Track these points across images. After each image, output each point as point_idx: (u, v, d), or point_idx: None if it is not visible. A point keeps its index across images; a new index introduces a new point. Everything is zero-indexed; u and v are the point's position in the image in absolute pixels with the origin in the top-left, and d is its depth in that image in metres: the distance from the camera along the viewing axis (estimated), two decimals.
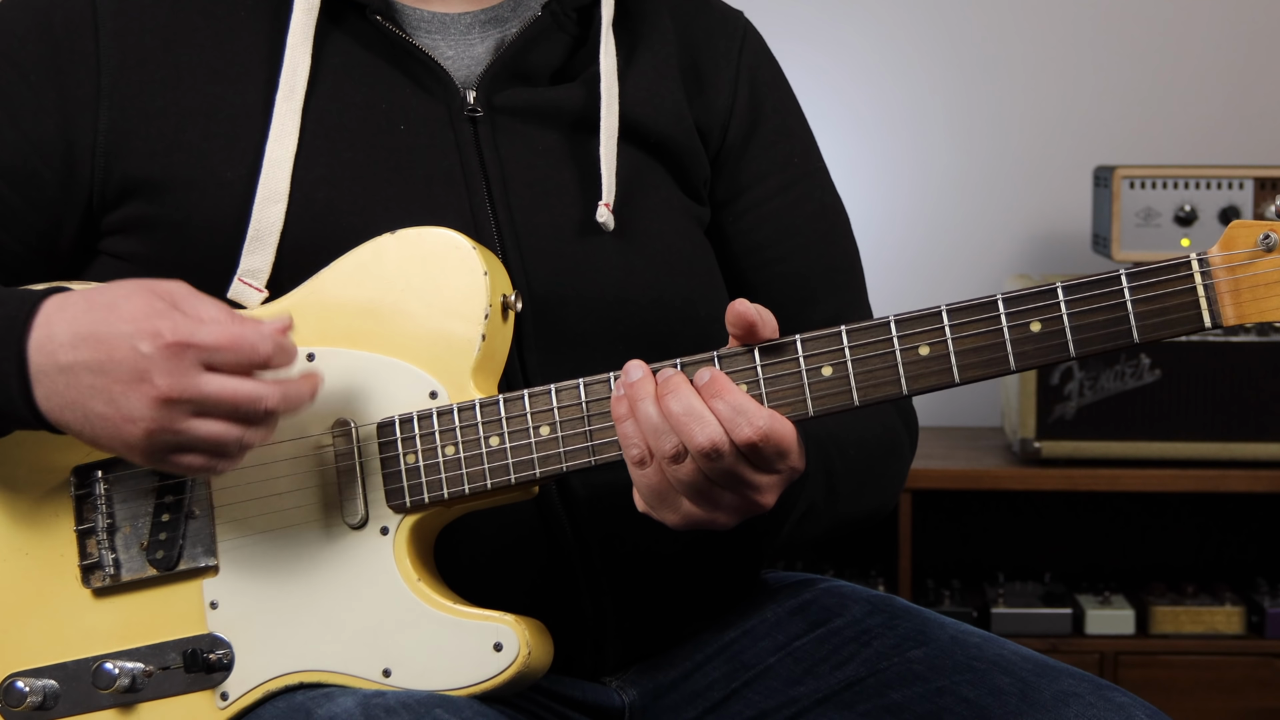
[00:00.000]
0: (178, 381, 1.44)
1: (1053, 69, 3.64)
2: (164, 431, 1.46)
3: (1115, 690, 1.58)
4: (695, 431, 1.42)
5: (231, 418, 1.46)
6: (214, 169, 1.62)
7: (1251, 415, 3.14)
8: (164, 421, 1.46)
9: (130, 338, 1.45)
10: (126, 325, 1.46)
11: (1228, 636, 3.19)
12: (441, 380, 1.54)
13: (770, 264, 1.78)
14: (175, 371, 1.44)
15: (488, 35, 1.71)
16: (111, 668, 1.57)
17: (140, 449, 1.48)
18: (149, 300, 1.47)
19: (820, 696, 1.68)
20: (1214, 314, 1.39)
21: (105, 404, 1.47)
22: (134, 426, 1.46)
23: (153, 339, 1.45)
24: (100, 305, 1.48)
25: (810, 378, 1.46)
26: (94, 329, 1.47)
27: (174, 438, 1.47)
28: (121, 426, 1.47)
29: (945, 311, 1.44)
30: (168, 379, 1.44)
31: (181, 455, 1.48)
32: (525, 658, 1.50)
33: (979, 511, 3.50)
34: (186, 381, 1.44)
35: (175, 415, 1.45)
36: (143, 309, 1.46)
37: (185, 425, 1.46)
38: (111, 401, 1.46)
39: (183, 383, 1.44)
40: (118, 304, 1.48)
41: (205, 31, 1.67)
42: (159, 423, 1.46)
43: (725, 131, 1.78)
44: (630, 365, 1.47)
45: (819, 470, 1.63)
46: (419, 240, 1.57)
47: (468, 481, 1.52)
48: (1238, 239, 1.38)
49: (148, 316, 1.46)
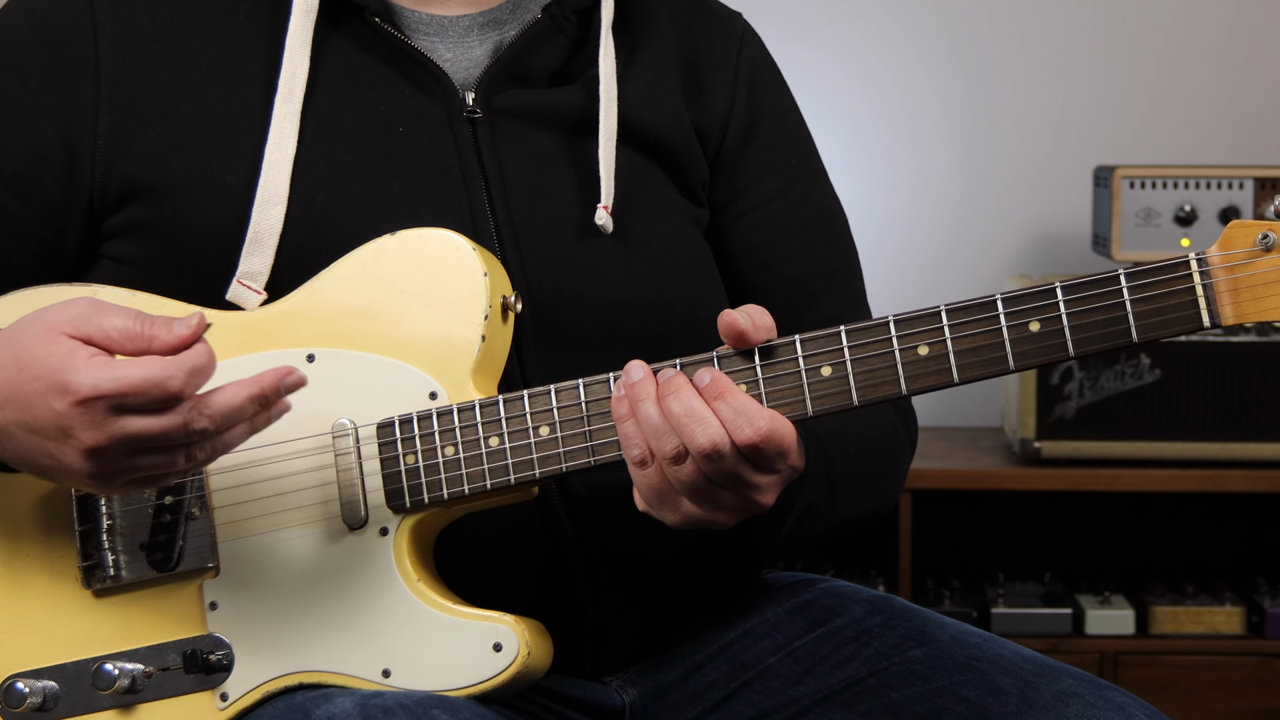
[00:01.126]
0: (100, 433, 1.43)
1: (1053, 69, 3.64)
2: (108, 471, 1.46)
3: (1115, 690, 1.58)
4: (696, 432, 1.42)
5: (166, 447, 1.45)
6: (213, 172, 1.62)
7: (1251, 415, 3.14)
8: (102, 465, 1.45)
9: (44, 396, 1.44)
10: (37, 383, 1.44)
11: (1228, 636, 3.19)
12: (441, 381, 1.54)
13: (769, 265, 1.78)
14: (93, 424, 1.43)
15: (486, 38, 1.71)
16: (111, 669, 1.57)
17: (97, 488, 1.49)
18: (51, 344, 1.45)
19: (820, 696, 1.68)
20: (1213, 314, 1.39)
21: (46, 458, 1.47)
22: (79, 474, 1.47)
23: (61, 395, 1.43)
24: (11, 360, 1.47)
25: (809, 378, 1.46)
26: (13, 389, 1.46)
27: (121, 474, 1.47)
28: (69, 474, 1.48)
29: (944, 311, 1.44)
30: (89, 432, 1.44)
31: (140, 480, 1.49)
32: (525, 658, 1.51)
33: (979, 511, 3.50)
34: (108, 430, 1.43)
35: (110, 458, 1.45)
36: (46, 359, 1.44)
37: (126, 463, 1.46)
38: (50, 455, 1.46)
39: (105, 432, 1.43)
40: (22, 357, 1.46)
41: (204, 35, 1.67)
42: (98, 466, 1.45)
43: (724, 133, 1.78)
44: (631, 365, 1.47)
45: (819, 469, 1.63)
46: (419, 241, 1.57)
47: (467, 482, 1.53)
48: (1236, 239, 1.38)
49: (52, 370, 1.44)
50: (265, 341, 1.59)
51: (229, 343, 1.59)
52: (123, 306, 1.47)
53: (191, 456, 1.46)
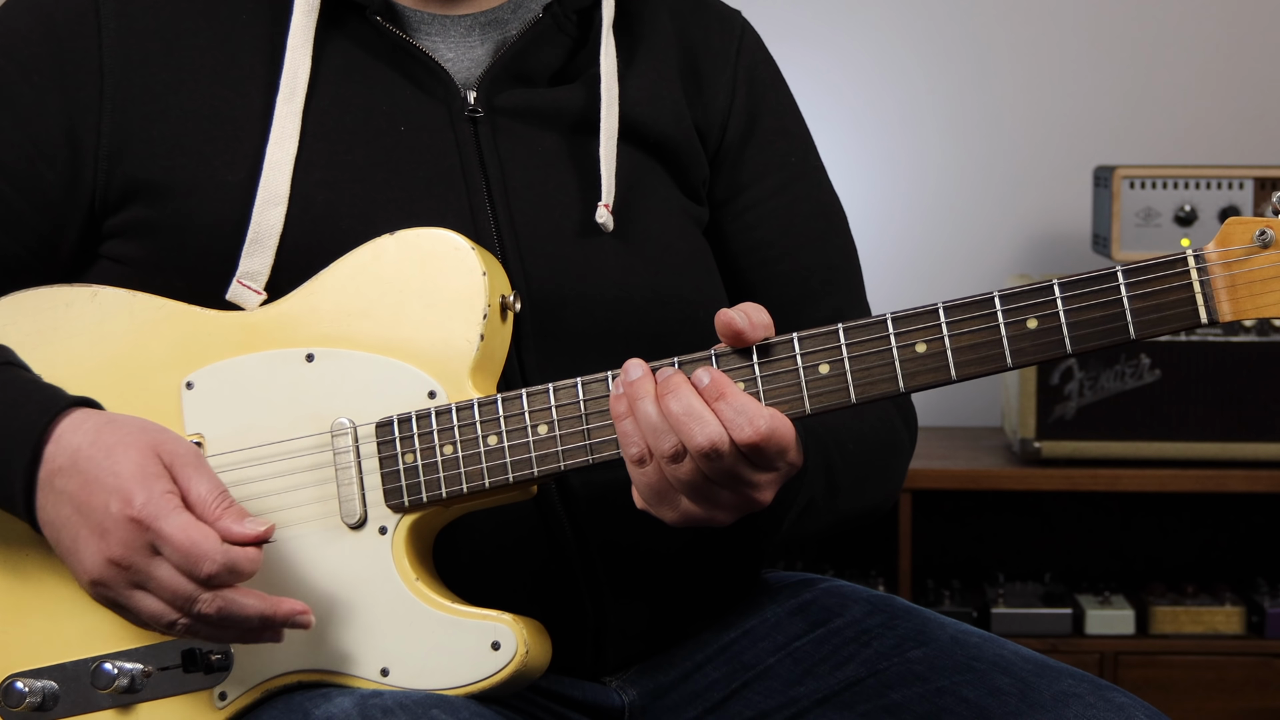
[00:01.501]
0: (129, 554, 1.48)
1: (1053, 69, 3.64)
2: (106, 588, 1.51)
3: (1115, 691, 1.58)
4: (695, 431, 1.42)
5: (169, 604, 1.49)
6: (215, 172, 1.62)
7: (1251, 415, 3.14)
8: (108, 579, 1.50)
9: (108, 492, 1.49)
10: (111, 479, 1.49)
11: (1228, 636, 3.19)
12: (440, 380, 1.54)
13: (769, 263, 1.79)
14: (129, 544, 1.48)
15: (488, 37, 1.71)
16: (110, 668, 1.57)
17: (89, 591, 1.53)
18: (144, 459, 1.50)
19: (820, 697, 1.68)
20: (1210, 310, 1.39)
21: (70, 540, 1.51)
22: (84, 572, 1.51)
23: (124, 504, 1.48)
24: (102, 445, 1.51)
25: (807, 376, 1.46)
26: (87, 467, 1.51)
27: (115, 596, 1.51)
28: (76, 567, 1.52)
29: (942, 309, 1.44)
30: (121, 548, 1.48)
31: (123, 613, 1.53)
32: (523, 657, 1.51)
33: (979, 511, 3.50)
34: (136, 557, 1.48)
35: (118, 579, 1.50)
36: (133, 467, 1.50)
37: (126, 592, 1.50)
38: (75, 540, 1.51)
39: (132, 556, 1.48)
40: (115, 451, 1.51)
41: (207, 34, 1.66)
42: (104, 578, 1.50)
43: (723, 131, 1.79)
44: (630, 364, 1.47)
45: (818, 465, 1.63)
46: (418, 241, 1.57)
47: (466, 481, 1.53)
48: (1234, 235, 1.38)
49: (133, 477, 1.49)
50: (265, 341, 1.59)
51: (229, 342, 1.59)
52: (214, 475, 1.52)
53: (175, 625, 1.50)
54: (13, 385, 1.57)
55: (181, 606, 1.48)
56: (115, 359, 1.61)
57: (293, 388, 1.57)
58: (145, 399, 1.58)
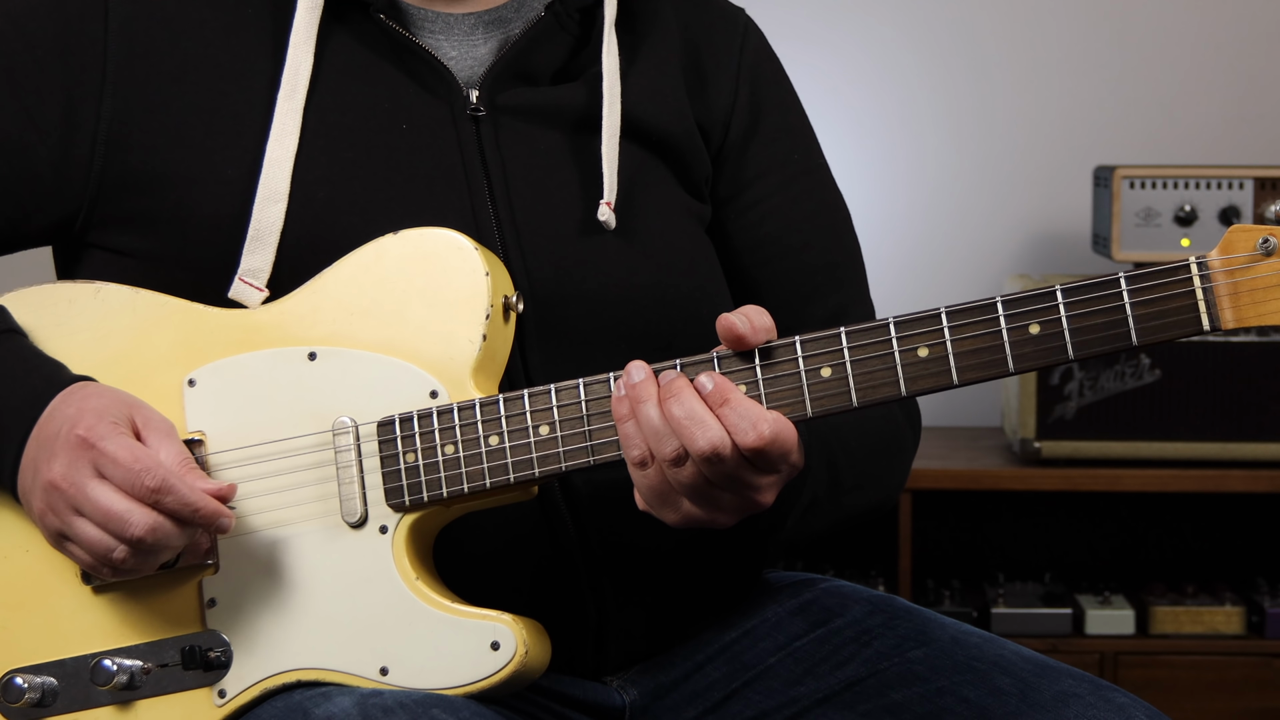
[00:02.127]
0: (67, 474, 1.49)
1: (1053, 69, 3.64)
2: (50, 515, 1.52)
3: (1115, 691, 1.58)
4: (696, 436, 1.42)
5: (103, 528, 1.49)
6: (215, 166, 1.62)
7: (1251, 415, 3.14)
8: (51, 505, 1.51)
9: (62, 420, 1.51)
10: (72, 410, 1.52)
11: (1228, 636, 3.19)
12: (442, 380, 1.54)
13: (772, 260, 1.79)
14: (70, 464, 1.49)
15: (491, 35, 1.71)
16: (110, 665, 1.57)
17: (40, 525, 1.54)
18: (111, 405, 1.52)
19: (820, 697, 1.68)
20: (1213, 317, 1.39)
21: (30, 477, 1.53)
22: (35, 502, 1.53)
23: (73, 426, 1.50)
24: (82, 392, 1.54)
25: (809, 379, 1.46)
26: (58, 408, 1.53)
27: (59, 525, 1.51)
28: (31, 500, 1.53)
29: (944, 313, 1.44)
30: (61, 468, 1.50)
31: (68, 544, 1.53)
32: (522, 657, 1.51)
33: (979, 511, 3.50)
34: (73, 477, 1.49)
35: (59, 505, 1.50)
36: (96, 406, 1.52)
37: (67, 519, 1.51)
38: (34, 475, 1.53)
39: (70, 477, 1.49)
40: (90, 396, 1.53)
41: (212, 25, 1.67)
42: (48, 504, 1.51)
43: (726, 129, 1.79)
44: (632, 366, 1.47)
45: (821, 463, 1.63)
46: (421, 240, 1.57)
47: (467, 481, 1.53)
48: (1237, 243, 1.38)
49: (92, 411, 1.51)
50: (267, 339, 1.59)
51: (231, 340, 1.60)
52: (183, 447, 1.53)
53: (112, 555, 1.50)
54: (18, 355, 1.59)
55: (114, 529, 1.48)
56: (117, 356, 1.61)
57: (294, 386, 1.57)
58: (147, 396, 1.58)
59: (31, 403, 1.55)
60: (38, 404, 1.54)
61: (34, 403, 1.55)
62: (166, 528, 1.49)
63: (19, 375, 1.57)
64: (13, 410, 1.55)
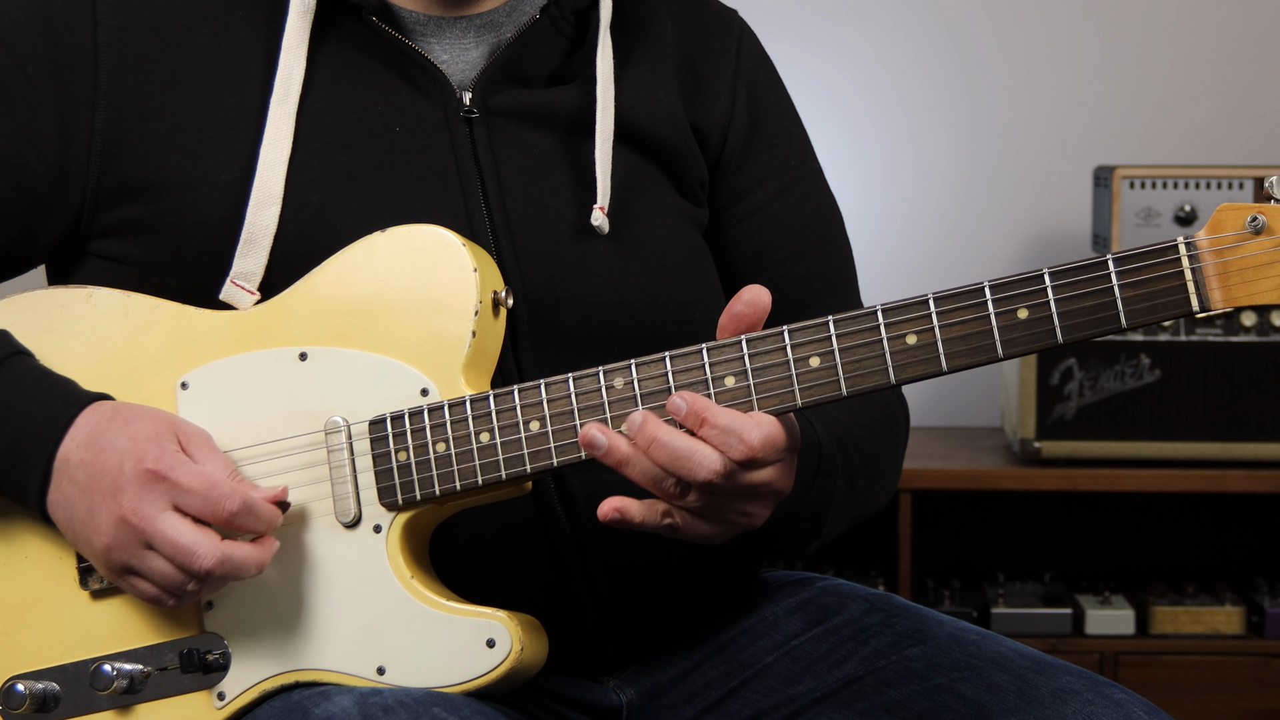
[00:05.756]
0: (139, 508, 1.49)
1: (1053, 69, 3.64)
2: (119, 550, 1.51)
3: (1113, 687, 1.58)
4: (693, 470, 1.43)
5: (171, 561, 1.49)
6: (209, 172, 1.62)
7: (1251, 415, 3.14)
8: (120, 541, 1.51)
9: (121, 454, 1.51)
10: (125, 442, 1.51)
11: (1228, 636, 3.19)
12: (432, 377, 1.54)
13: (773, 266, 1.79)
14: (141, 498, 1.49)
15: (483, 40, 1.71)
16: (109, 669, 1.57)
17: (101, 560, 1.53)
18: (159, 429, 1.53)
19: (818, 695, 1.68)
20: (1202, 298, 1.38)
21: (84, 510, 1.52)
22: (98, 538, 1.52)
23: (137, 462, 1.50)
24: (120, 419, 1.54)
25: (798, 368, 1.46)
26: (102, 439, 1.52)
27: (127, 559, 1.51)
28: (90, 535, 1.52)
29: (932, 299, 1.44)
30: (132, 502, 1.49)
31: (135, 579, 1.53)
32: (518, 654, 1.50)
33: (979, 511, 3.50)
34: (146, 510, 1.49)
35: (129, 539, 1.50)
36: (148, 433, 1.52)
37: (136, 553, 1.51)
38: (89, 509, 1.52)
39: (142, 510, 1.49)
40: (133, 422, 1.53)
41: (203, 31, 1.66)
42: (117, 540, 1.51)
43: (725, 135, 1.78)
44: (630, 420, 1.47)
45: (840, 466, 1.64)
46: (410, 238, 1.57)
47: (459, 478, 1.52)
48: (1225, 222, 1.38)
49: (147, 440, 1.51)
50: (258, 340, 1.59)
51: (222, 342, 1.59)
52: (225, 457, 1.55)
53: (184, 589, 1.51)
54: (30, 377, 1.58)
55: (183, 562, 1.48)
56: (111, 360, 1.61)
57: (286, 387, 1.57)
58: (142, 400, 1.58)
59: (52, 422, 1.55)
60: (58, 423, 1.54)
61: (54, 422, 1.54)
62: (235, 559, 1.49)
63: (35, 396, 1.56)
64: (32, 433, 1.55)
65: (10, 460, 1.55)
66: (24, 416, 1.55)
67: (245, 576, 1.51)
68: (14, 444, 1.55)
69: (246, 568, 1.50)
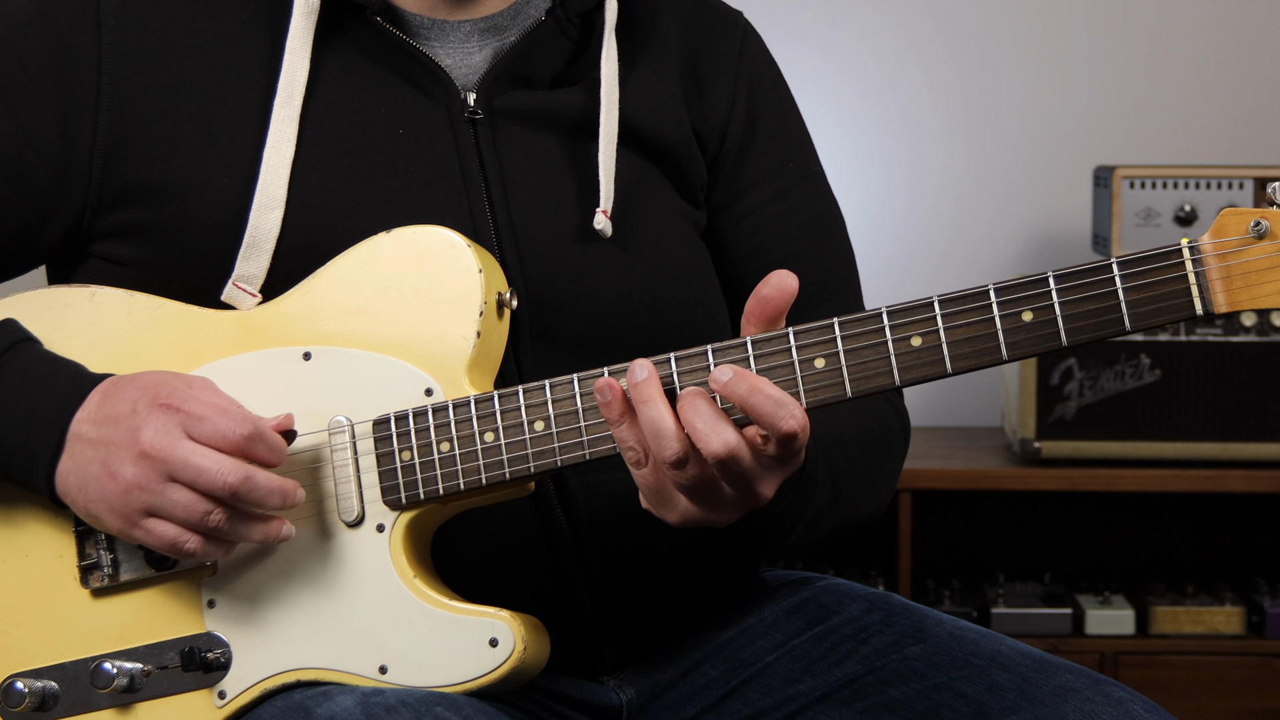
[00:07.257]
0: (156, 440, 1.49)
1: (1052, 69, 3.65)
2: (140, 489, 1.50)
3: (1113, 685, 1.58)
4: (711, 440, 1.41)
5: (196, 490, 1.49)
6: (212, 175, 1.62)
7: (1251, 415, 3.14)
8: (142, 478, 1.50)
9: (133, 399, 1.51)
10: (134, 390, 1.52)
11: (1228, 636, 3.19)
12: (436, 377, 1.54)
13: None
14: (158, 431, 1.49)
15: (486, 43, 1.71)
16: (110, 668, 1.57)
17: (119, 509, 1.51)
18: (164, 375, 1.54)
19: (818, 694, 1.68)
20: (1205, 302, 1.38)
21: (99, 464, 1.52)
22: (115, 482, 1.51)
23: (151, 400, 1.50)
24: (125, 378, 1.55)
25: (803, 369, 1.45)
26: (110, 400, 1.53)
27: (149, 497, 1.50)
28: (106, 483, 1.51)
29: (937, 302, 1.44)
30: (150, 437, 1.49)
31: (154, 522, 1.51)
32: (520, 653, 1.50)
33: (979, 511, 3.50)
34: (163, 441, 1.49)
35: (150, 475, 1.49)
36: (155, 378, 1.53)
37: (159, 486, 1.50)
38: (104, 461, 1.51)
39: (159, 442, 1.49)
40: (139, 377, 1.54)
41: (206, 34, 1.66)
42: (137, 479, 1.50)
43: (723, 137, 1.78)
44: (636, 365, 1.44)
45: (827, 477, 1.62)
46: (414, 239, 1.57)
47: (463, 477, 1.52)
48: (1229, 226, 1.38)
49: (156, 383, 1.52)
50: (262, 340, 1.59)
51: (226, 342, 1.60)
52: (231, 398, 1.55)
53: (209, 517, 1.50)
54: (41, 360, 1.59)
55: (208, 485, 1.48)
56: (114, 359, 1.61)
57: (290, 386, 1.57)
58: None
59: (64, 401, 1.55)
60: (70, 401, 1.54)
61: (66, 400, 1.55)
62: (257, 480, 1.49)
63: (46, 378, 1.57)
64: (45, 410, 1.55)
65: (20, 439, 1.55)
66: (38, 394, 1.56)
67: (267, 506, 1.50)
68: (25, 421, 1.55)
69: (270, 494, 1.50)
